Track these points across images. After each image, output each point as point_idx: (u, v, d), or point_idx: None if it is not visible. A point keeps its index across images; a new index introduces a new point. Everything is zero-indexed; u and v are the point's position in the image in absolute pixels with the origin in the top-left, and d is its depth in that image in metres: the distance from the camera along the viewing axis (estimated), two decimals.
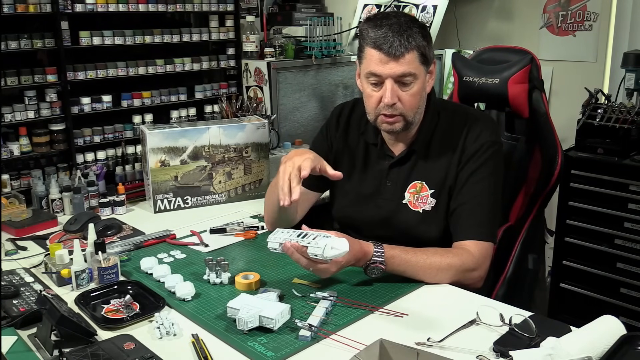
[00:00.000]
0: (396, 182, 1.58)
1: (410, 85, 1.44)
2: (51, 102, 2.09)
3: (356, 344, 1.15)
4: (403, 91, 1.45)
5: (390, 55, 1.40)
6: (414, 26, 1.42)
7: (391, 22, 1.42)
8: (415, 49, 1.41)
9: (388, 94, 1.43)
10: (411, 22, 1.43)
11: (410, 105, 1.46)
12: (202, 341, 1.19)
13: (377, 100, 1.47)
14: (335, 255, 1.27)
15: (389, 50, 1.40)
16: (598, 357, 1.03)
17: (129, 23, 2.29)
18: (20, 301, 1.35)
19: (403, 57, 1.40)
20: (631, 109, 2.24)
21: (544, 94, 1.85)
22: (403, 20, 1.43)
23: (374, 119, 1.51)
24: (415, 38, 1.41)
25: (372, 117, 1.52)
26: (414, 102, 1.46)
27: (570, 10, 2.78)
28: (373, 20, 1.46)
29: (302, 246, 1.31)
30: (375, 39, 1.41)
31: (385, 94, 1.44)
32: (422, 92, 1.48)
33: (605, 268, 2.27)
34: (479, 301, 1.35)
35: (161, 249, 1.69)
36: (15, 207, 1.92)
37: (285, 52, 2.63)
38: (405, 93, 1.45)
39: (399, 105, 1.45)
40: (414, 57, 1.42)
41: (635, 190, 2.16)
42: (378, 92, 1.46)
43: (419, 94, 1.46)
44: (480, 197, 1.48)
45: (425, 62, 1.45)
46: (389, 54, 1.40)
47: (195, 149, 2.02)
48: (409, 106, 1.46)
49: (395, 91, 1.44)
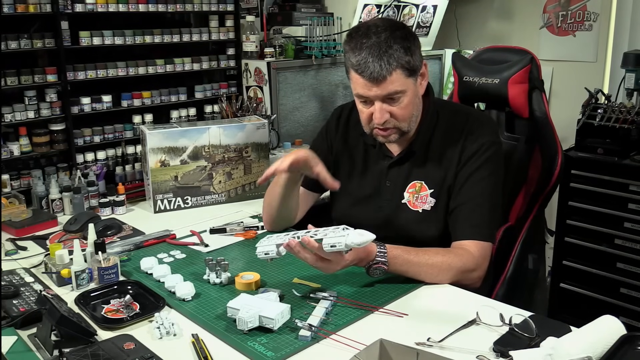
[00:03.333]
0: (395, 182, 1.58)
1: (400, 100, 1.44)
2: (51, 102, 2.09)
3: (356, 344, 1.15)
4: (393, 106, 1.44)
5: (372, 81, 1.39)
6: (394, 43, 1.38)
7: (371, 42, 1.38)
8: (398, 68, 1.39)
9: (377, 115, 1.44)
10: (391, 38, 1.38)
11: (403, 118, 1.46)
12: (202, 341, 1.19)
13: (369, 116, 1.47)
14: (362, 241, 1.23)
15: (371, 76, 1.39)
16: (598, 357, 1.03)
17: (129, 23, 2.29)
18: (20, 301, 1.35)
19: (385, 80, 1.39)
20: (631, 109, 2.24)
21: (544, 94, 1.85)
22: (383, 37, 1.38)
23: (369, 132, 1.52)
24: (397, 56, 1.38)
25: (367, 130, 1.53)
26: (406, 114, 1.46)
27: (570, 10, 2.78)
28: (354, 39, 1.42)
29: (315, 241, 1.28)
30: (357, 65, 1.40)
31: (374, 114, 1.45)
32: (414, 100, 1.47)
33: (605, 268, 2.27)
34: (479, 301, 1.35)
35: (161, 249, 1.69)
36: (15, 207, 1.92)
37: (285, 52, 2.63)
38: (396, 107, 1.44)
39: (391, 120, 1.46)
40: (398, 75, 1.39)
41: (635, 190, 2.16)
42: (369, 109, 1.47)
43: (410, 104, 1.46)
44: (480, 197, 1.48)
45: (412, 74, 1.43)
46: (372, 79, 1.39)
47: (195, 149, 2.02)
48: (402, 119, 1.46)
49: (385, 109, 1.44)
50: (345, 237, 1.23)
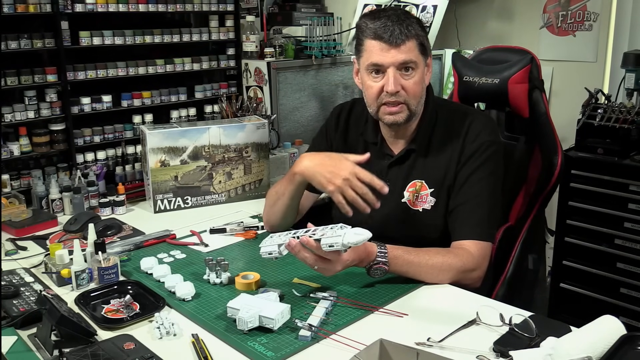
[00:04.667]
0: (395, 181, 1.58)
1: (412, 73, 1.46)
2: (51, 102, 2.09)
3: (356, 344, 1.15)
4: (405, 79, 1.46)
5: (391, 43, 1.43)
6: (411, 17, 1.47)
7: (389, 13, 1.46)
8: (414, 38, 1.45)
9: (391, 81, 1.44)
10: (408, 13, 1.49)
11: (414, 93, 1.48)
12: (202, 341, 1.19)
13: (379, 90, 1.47)
14: (358, 241, 1.24)
15: (390, 39, 1.42)
16: (598, 357, 1.03)
17: (129, 23, 2.29)
18: (20, 301, 1.35)
19: (404, 44, 1.43)
20: (631, 109, 2.24)
21: (544, 94, 1.84)
22: (400, 11, 1.48)
23: (376, 111, 1.51)
24: (414, 27, 1.45)
25: (373, 109, 1.52)
26: (417, 90, 1.48)
27: (570, 10, 2.78)
28: (370, 14, 1.49)
29: (313, 240, 1.28)
30: (375, 29, 1.44)
31: (388, 82, 1.45)
32: (423, 81, 1.50)
33: (605, 268, 2.27)
34: (479, 301, 1.35)
35: (161, 249, 1.69)
36: (15, 207, 1.92)
37: (285, 52, 2.63)
38: (408, 81, 1.46)
39: (403, 92, 1.46)
40: (413, 45, 1.45)
41: (635, 190, 2.16)
42: (379, 82, 1.47)
43: (420, 82, 1.49)
44: (479, 197, 1.48)
45: (424, 52, 1.48)
46: (390, 42, 1.43)
47: (195, 149, 2.02)
48: (413, 93, 1.47)
49: (398, 79, 1.45)
50: (342, 237, 1.24)
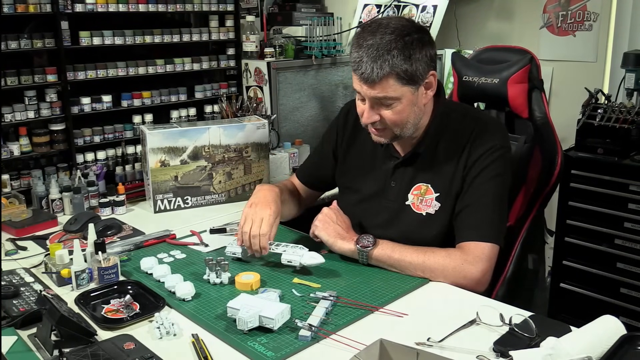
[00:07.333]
0: (400, 183, 1.57)
1: (392, 106, 1.42)
2: (51, 102, 2.09)
3: (356, 344, 1.15)
4: (385, 110, 1.43)
5: (363, 80, 1.40)
6: (394, 49, 1.36)
7: (371, 42, 1.37)
8: (390, 74, 1.36)
9: (365, 114, 1.45)
10: (394, 42, 1.36)
11: (394, 123, 1.44)
12: (202, 341, 1.19)
13: (362, 112, 1.48)
14: (312, 264, 1.46)
15: (362, 76, 1.39)
16: (598, 357, 1.03)
17: (129, 23, 2.29)
18: (20, 301, 1.35)
19: (379, 82, 1.38)
20: (631, 109, 2.24)
21: (543, 94, 1.84)
22: (386, 40, 1.36)
23: (365, 126, 1.52)
24: (392, 63, 1.36)
25: (363, 125, 1.52)
26: (397, 120, 1.44)
27: (570, 10, 2.77)
28: (360, 35, 1.42)
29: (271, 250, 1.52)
30: (353, 61, 1.41)
31: (364, 111, 1.46)
32: (411, 108, 1.44)
33: (605, 268, 2.27)
34: (479, 301, 1.35)
35: (161, 249, 1.69)
36: (15, 207, 1.92)
37: (285, 52, 2.63)
38: (388, 112, 1.43)
39: (383, 120, 1.45)
40: (391, 82, 1.38)
41: (635, 190, 2.16)
42: (363, 106, 1.47)
43: (404, 112, 1.43)
44: (484, 198, 1.46)
45: (409, 82, 1.39)
46: (362, 79, 1.40)
47: (195, 149, 2.02)
48: (392, 123, 1.44)
49: (375, 111, 1.44)
50: (300, 257, 1.47)
